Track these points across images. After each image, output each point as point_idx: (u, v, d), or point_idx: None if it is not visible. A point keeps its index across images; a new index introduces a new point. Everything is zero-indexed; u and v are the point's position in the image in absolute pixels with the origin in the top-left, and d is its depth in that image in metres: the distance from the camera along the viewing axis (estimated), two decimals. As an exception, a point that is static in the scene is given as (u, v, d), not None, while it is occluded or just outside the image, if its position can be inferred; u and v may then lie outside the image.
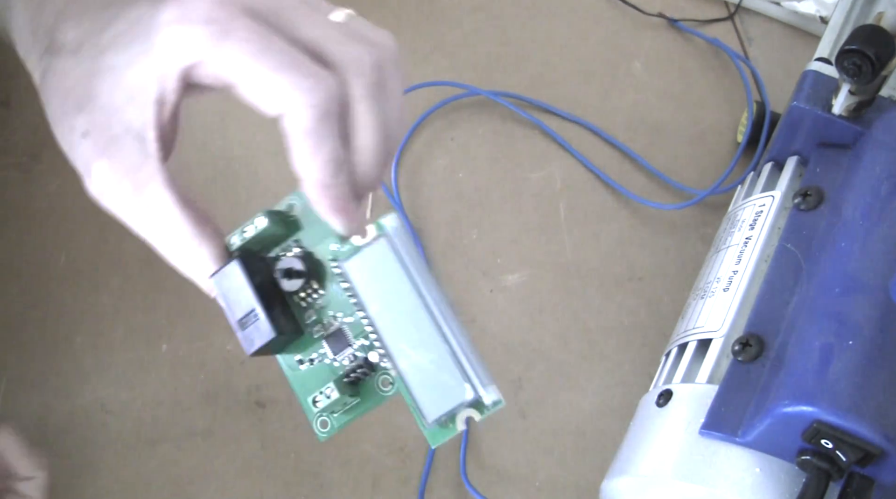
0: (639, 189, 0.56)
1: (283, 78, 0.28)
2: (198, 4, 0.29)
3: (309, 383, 0.32)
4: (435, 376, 0.30)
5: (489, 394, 0.30)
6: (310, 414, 0.32)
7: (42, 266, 0.52)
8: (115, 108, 0.30)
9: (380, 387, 0.32)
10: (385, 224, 0.31)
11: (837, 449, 0.33)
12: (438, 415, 0.30)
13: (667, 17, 0.62)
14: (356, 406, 0.32)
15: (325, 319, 0.32)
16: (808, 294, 0.37)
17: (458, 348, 0.30)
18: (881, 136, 0.41)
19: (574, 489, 0.48)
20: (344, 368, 0.32)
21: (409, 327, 0.31)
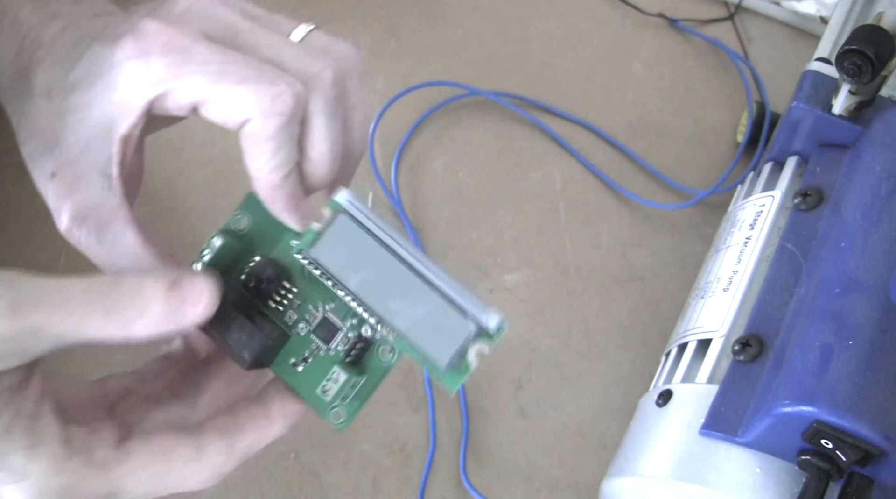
0: (639, 189, 0.56)
1: (247, 89, 0.29)
2: (154, 37, 0.30)
3: (312, 378, 0.32)
4: (434, 324, 0.30)
5: (490, 320, 0.30)
6: (322, 409, 0.32)
7: (42, 266, 0.52)
8: (80, 147, 0.31)
9: (381, 357, 0.32)
10: (339, 200, 0.31)
11: (837, 449, 0.33)
12: (450, 357, 0.30)
13: (667, 17, 0.62)
14: (365, 385, 0.32)
15: (306, 315, 0.32)
16: (808, 294, 0.37)
17: (446, 290, 0.30)
18: (881, 136, 0.41)
19: (574, 489, 0.48)
20: (341, 353, 0.32)
21: (394, 287, 0.30)
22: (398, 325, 0.30)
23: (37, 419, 0.27)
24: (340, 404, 0.32)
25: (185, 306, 0.28)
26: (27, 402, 0.27)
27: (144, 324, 0.28)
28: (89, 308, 0.27)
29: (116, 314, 0.27)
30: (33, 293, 0.26)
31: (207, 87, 0.29)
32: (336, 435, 0.49)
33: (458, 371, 0.30)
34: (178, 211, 0.54)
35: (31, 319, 0.26)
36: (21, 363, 0.27)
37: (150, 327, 0.28)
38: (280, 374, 0.32)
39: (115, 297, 0.27)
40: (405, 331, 0.30)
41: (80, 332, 0.27)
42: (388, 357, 0.32)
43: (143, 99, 0.30)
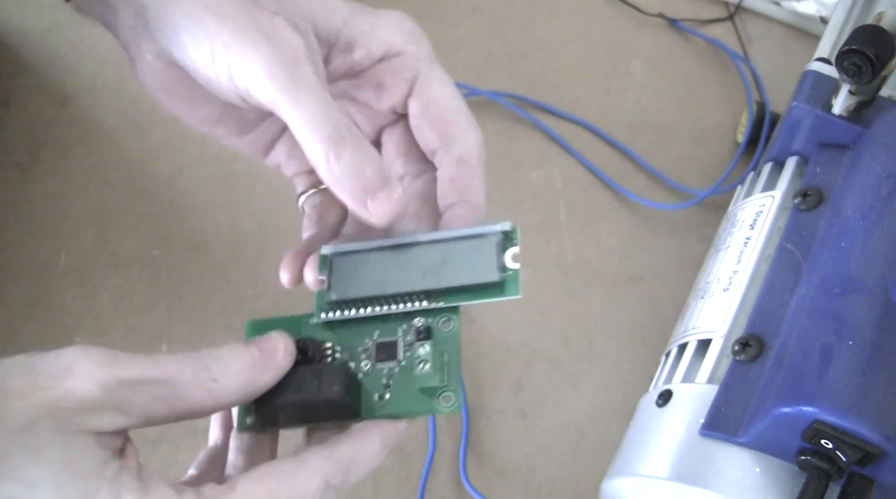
0: (639, 189, 0.56)
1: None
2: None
3: (404, 394, 0.32)
4: (464, 263, 0.32)
5: (503, 226, 0.32)
6: (430, 407, 0.32)
7: (42, 266, 0.52)
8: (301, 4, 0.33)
9: (444, 331, 0.32)
10: (324, 252, 0.34)
11: (837, 449, 0.33)
12: (497, 268, 0.32)
13: (667, 17, 0.62)
14: (450, 362, 0.32)
15: (361, 354, 0.33)
16: (808, 294, 0.37)
17: (452, 235, 0.32)
18: (881, 136, 0.41)
19: (574, 489, 0.48)
20: (412, 358, 0.32)
21: (411, 268, 0.32)
22: (437, 287, 0.32)
23: (142, 470, 0.28)
24: (444, 389, 0.32)
25: (267, 357, 0.30)
26: (130, 460, 0.28)
27: (232, 380, 0.29)
28: (180, 367, 0.28)
29: (205, 372, 0.29)
30: (128, 356, 0.28)
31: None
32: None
33: (512, 278, 0.32)
34: (179, 211, 0.54)
35: (131, 371, 0.27)
36: (121, 425, 0.27)
37: (239, 383, 0.29)
38: (375, 413, 0.32)
39: (201, 358, 0.29)
40: (446, 287, 0.32)
41: (174, 394, 0.28)
42: (448, 328, 0.32)
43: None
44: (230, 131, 0.37)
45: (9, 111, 0.56)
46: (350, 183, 0.31)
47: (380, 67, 0.35)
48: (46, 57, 0.58)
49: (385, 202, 0.31)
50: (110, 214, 0.53)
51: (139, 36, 0.33)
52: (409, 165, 0.37)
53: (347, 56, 0.35)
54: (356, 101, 0.37)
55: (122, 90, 0.57)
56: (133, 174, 0.55)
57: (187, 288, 0.52)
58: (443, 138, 0.35)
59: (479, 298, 0.32)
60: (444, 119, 0.35)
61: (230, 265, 0.52)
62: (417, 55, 0.35)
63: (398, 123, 0.37)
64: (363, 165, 0.30)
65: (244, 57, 0.30)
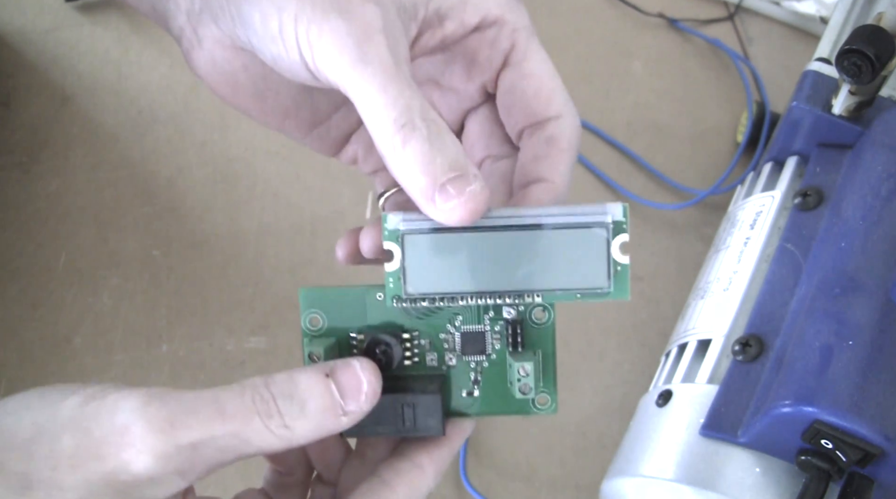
0: (639, 189, 0.56)
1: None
2: None
3: (495, 392, 0.29)
4: (569, 257, 0.28)
5: (614, 211, 0.27)
6: (526, 408, 0.29)
7: (42, 266, 0.52)
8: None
9: (538, 322, 0.30)
10: (392, 226, 0.28)
11: (837, 449, 0.33)
12: (606, 275, 0.28)
13: (667, 17, 0.62)
14: (545, 359, 0.29)
15: (444, 346, 0.30)
16: (808, 294, 0.37)
17: (552, 221, 0.27)
18: (881, 136, 0.41)
19: (574, 489, 0.48)
20: (503, 351, 0.29)
21: (504, 257, 0.28)
22: (539, 286, 0.28)
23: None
24: (538, 391, 0.29)
25: (347, 397, 0.27)
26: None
27: (305, 424, 0.26)
28: (247, 414, 0.25)
29: (275, 418, 0.26)
30: (189, 406, 0.25)
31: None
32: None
33: (620, 277, 0.28)
34: (179, 211, 0.54)
35: (192, 433, 0.25)
36: (183, 487, 0.26)
37: (313, 428, 0.26)
38: (465, 412, 0.30)
39: (270, 398, 0.26)
40: (546, 287, 0.28)
41: (241, 442, 0.26)
42: (544, 317, 0.29)
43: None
44: (300, 124, 0.34)
45: (9, 111, 0.56)
46: (417, 174, 0.26)
47: (473, 38, 0.32)
48: (46, 57, 0.58)
49: (456, 196, 0.26)
50: (110, 214, 0.53)
51: (198, 21, 0.30)
52: (492, 147, 0.34)
53: (438, 29, 0.31)
54: (440, 84, 0.34)
55: (122, 90, 0.57)
56: (133, 174, 0.55)
57: (187, 288, 0.52)
58: (534, 116, 0.32)
59: (582, 298, 0.28)
60: (539, 95, 0.32)
61: (230, 265, 0.52)
62: (515, 24, 0.32)
63: (483, 106, 0.34)
64: (434, 154, 0.26)
65: (313, 28, 0.27)
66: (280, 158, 0.55)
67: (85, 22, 0.59)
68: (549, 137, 0.31)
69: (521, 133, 0.32)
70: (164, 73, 0.57)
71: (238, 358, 0.50)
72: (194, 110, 0.56)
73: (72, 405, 0.25)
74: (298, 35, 0.27)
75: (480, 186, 0.26)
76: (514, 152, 0.32)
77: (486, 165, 0.34)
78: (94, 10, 0.59)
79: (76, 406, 0.25)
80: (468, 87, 0.33)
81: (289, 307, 0.51)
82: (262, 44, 0.28)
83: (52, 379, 0.49)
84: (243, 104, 0.32)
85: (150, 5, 0.32)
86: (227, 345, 0.50)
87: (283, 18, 0.27)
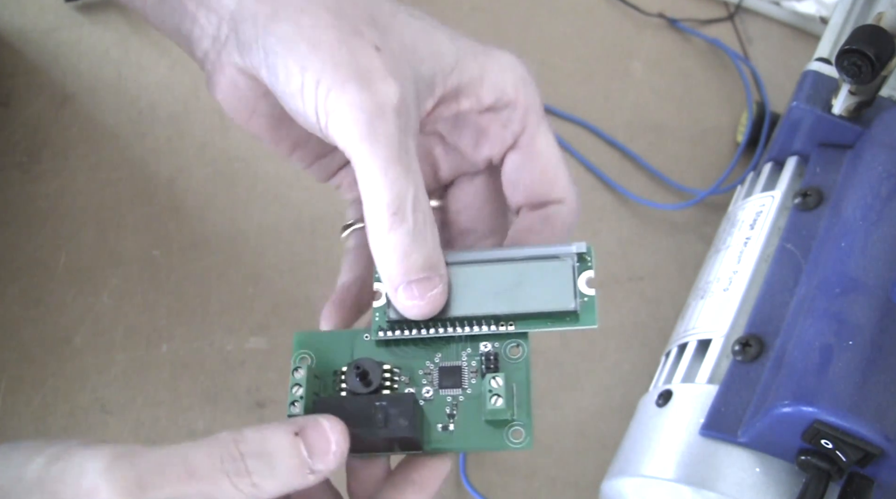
0: (639, 189, 0.56)
1: None
2: None
3: (470, 426, 0.30)
4: (537, 287, 0.30)
5: (578, 248, 0.30)
6: (499, 443, 0.30)
7: (42, 266, 0.52)
8: (416, 53, 0.30)
9: (512, 357, 0.31)
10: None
11: (837, 449, 0.33)
12: (573, 297, 0.30)
13: (667, 17, 0.62)
14: (519, 392, 0.30)
15: (423, 379, 0.31)
16: (808, 294, 0.37)
17: (520, 255, 0.30)
18: (881, 136, 0.41)
19: (574, 489, 0.48)
20: (481, 389, 0.30)
21: (480, 289, 0.30)
22: (508, 312, 0.30)
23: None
24: (518, 425, 0.30)
25: (315, 456, 0.27)
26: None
27: (274, 484, 0.26)
28: (217, 474, 0.25)
29: (244, 478, 0.26)
30: (157, 466, 0.25)
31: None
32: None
33: (588, 306, 0.30)
34: (179, 211, 0.54)
35: (160, 494, 0.24)
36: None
37: (280, 486, 0.26)
38: (438, 447, 0.30)
39: (239, 457, 0.26)
40: (518, 313, 0.30)
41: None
42: (518, 353, 0.31)
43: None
44: (308, 154, 0.35)
45: (9, 111, 0.56)
46: (392, 262, 0.29)
47: (487, 116, 0.33)
48: (46, 57, 0.58)
49: (419, 298, 0.29)
50: (110, 214, 0.53)
51: (222, 47, 0.31)
52: (480, 221, 0.35)
53: (453, 104, 0.32)
54: (445, 141, 0.35)
55: (122, 90, 0.57)
56: (133, 174, 0.55)
57: (187, 288, 0.52)
58: (537, 197, 0.33)
59: (551, 325, 0.30)
60: (544, 177, 0.33)
61: (230, 265, 0.52)
62: (527, 106, 0.33)
63: (481, 174, 0.35)
64: (412, 250, 0.28)
65: (332, 95, 0.28)
66: (280, 158, 0.55)
67: (85, 22, 0.59)
68: (547, 217, 0.33)
69: (519, 209, 0.34)
70: (164, 73, 0.57)
71: (238, 358, 0.50)
72: (194, 110, 0.56)
73: (37, 467, 0.25)
74: (318, 98, 0.28)
75: (441, 290, 0.29)
76: (502, 230, 0.35)
77: (468, 240, 0.35)
78: (94, 10, 0.59)
79: (41, 467, 0.25)
80: (473, 155, 0.34)
81: (289, 307, 0.51)
82: (284, 95, 0.30)
83: (51, 379, 0.49)
84: (258, 131, 0.33)
85: (174, 27, 0.32)
86: (227, 345, 0.50)
87: (305, 79, 0.28)
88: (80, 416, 0.49)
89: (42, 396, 0.49)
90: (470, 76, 0.32)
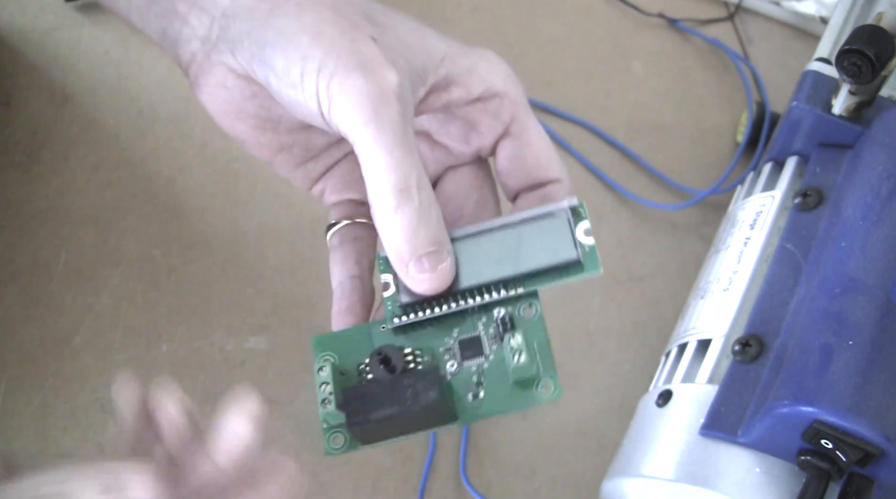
0: (639, 189, 0.56)
1: None
2: None
3: (499, 390, 0.31)
4: (538, 245, 0.31)
5: (571, 202, 0.32)
6: (529, 400, 0.31)
7: (42, 266, 0.52)
8: (409, 47, 0.32)
9: (527, 317, 0.32)
10: (385, 254, 0.31)
11: (837, 449, 0.33)
12: (573, 247, 0.31)
13: (667, 17, 0.62)
14: (540, 349, 0.31)
15: (445, 356, 0.31)
16: (808, 294, 0.37)
17: (517, 219, 0.31)
18: (881, 136, 0.41)
19: (574, 489, 0.48)
20: (504, 351, 0.31)
21: (485, 258, 0.31)
22: (514, 274, 0.31)
23: None
24: (541, 378, 0.31)
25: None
26: None
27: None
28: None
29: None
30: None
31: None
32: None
33: (590, 254, 0.31)
34: (179, 211, 0.54)
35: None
36: None
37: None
38: (473, 416, 0.31)
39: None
40: (524, 273, 0.31)
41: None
42: (531, 313, 0.32)
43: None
44: (290, 160, 0.36)
45: (9, 111, 0.56)
46: (400, 240, 0.29)
47: (476, 107, 0.34)
48: (46, 57, 0.58)
49: (429, 270, 0.30)
50: (110, 214, 0.53)
51: (212, 47, 0.31)
52: (466, 208, 0.36)
53: (444, 93, 0.33)
54: (432, 138, 0.36)
55: (122, 90, 0.57)
56: (133, 174, 0.55)
57: (187, 288, 0.52)
58: (534, 180, 0.34)
59: (559, 279, 0.31)
60: (539, 163, 0.34)
61: (230, 265, 0.52)
62: (515, 98, 0.34)
63: (466, 166, 0.36)
64: (419, 226, 0.29)
65: (335, 81, 0.29)
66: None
67: (85, 22, 0.59)
68: (545, 195, 0.34)
69: (518, 194, 0.35)
70: (164, 73, 0.57)
71: (238, 358, 0.50)
72: (194, 110, 0.56)
73: None
74: (319, 86, 0.29)
75: (450, 263, 0.30)
76: (487, 218, 0.35)
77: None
78: (94, 10, 0.59)
79: None
80: (462, 149, 0.35)
81: (289, 307, 0.51)
82: (281, 86, 0.30)
83: (52, 379, 0.49)
84: (242, 134, 0.34)
85: (159, 30, 0.33)
86: (227, 345, 0.50)
87: (305, 67, 0.29)
88: (80, 416, 0.49)
89: (42, 396, 0.49)
90: (460, 68, 0.33)
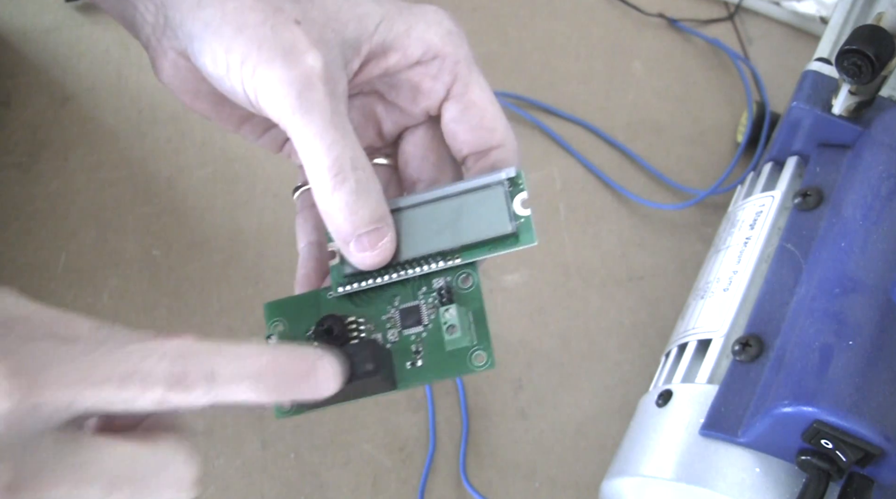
0: (639, 189, 0.56)
1: None
2: None
3: (436, 358, 0.32)
4: (474, 216, 0.32)
5: (508, 173, 0.32)
6: (464, 367, 0.31)
7: (42, 266, 0.52)
8: (338, 18, 0.32)
9: (464, 288, 0.32)
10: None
11: (837, 449, 0.33)
12: (510, 218, 0.31)
13: (667, 17, 0.62)
14: (476, 317, 0.32)
15: (386, 324, 0.32)
16: (808, 294, 0.37)
17: (454, 190, 0.32)
18: (881, 136, 0.41)
19: (574, 489, 0.48)
20: (439, 323, 0.32)
21: (423, 229, 0.32)
22: (451, 246, 0.32)
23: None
24: (475, 348, 0.32)
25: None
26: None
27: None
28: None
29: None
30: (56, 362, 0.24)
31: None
32: (336, 435, 0.49)
33: (524, 226, 0.32)
34: (179, 211, 0.54)
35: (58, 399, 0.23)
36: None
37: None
38: (412, 382, 0.32)
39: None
40: (463, 244, 0.32)
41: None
42: (469, 282, 0.32)
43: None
44: (254, 128, 0.36)
45: (9, 111, 0.56)
46: (340, 220, 0.30)
47: (417, 70, 0.34)
48: (46, 57, 0.58)
49: (370, 248, 0.31)
50: (110, 214, 0.53)
51: (161, 32, 0.32)
52: (424, 171, 0.36)
53: (382, 61, 0.33)
54: (385, 99, 0.36)
55: (122, 90, 0.57)
56: (133, 174, 0.55)
57: (187, 288, 0.52)
58: (479, 144, 0.34)
59: (495, 250, 0.31)
60: (482, 124, 0.34)
61: (230, 265, 0.52)
62: (456, 57, 0.34)
63: (422, 125, 0.37)
64: (357, 206, 0.30)
65: (258, 72, 0.29)
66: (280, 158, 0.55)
67: (85, 22, 0.59)
68: (492, 164, 0.34)
69: (465, 158, 0.35)
70: (164, 73, 0.57)
71: (238, 358, 0.50)
72: (194, 110, 0.56)
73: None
74: (244, 77, 0.30)
75: (390, 238, 0.31)
76: (448, 175, 0.36)
77: (417, 188, 0.36)
78: (94, 10, 0.59)
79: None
80: (412, 109, 0.36)
81: (289, 307, 0.51)
82: (211, 76, 0.31)
83: (52, 379, 0.49)
84: (204, 110, 0.35)
85: (120, 14, 0.34)
86: (227, 345, 0.50)
87: (230, 60, 0.30)
88: (80, 416, 0.49)
89: (42, 396, 0.49)
90: (396, 32, 0.33)
